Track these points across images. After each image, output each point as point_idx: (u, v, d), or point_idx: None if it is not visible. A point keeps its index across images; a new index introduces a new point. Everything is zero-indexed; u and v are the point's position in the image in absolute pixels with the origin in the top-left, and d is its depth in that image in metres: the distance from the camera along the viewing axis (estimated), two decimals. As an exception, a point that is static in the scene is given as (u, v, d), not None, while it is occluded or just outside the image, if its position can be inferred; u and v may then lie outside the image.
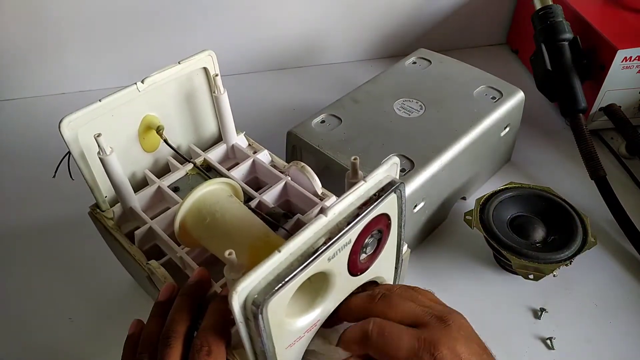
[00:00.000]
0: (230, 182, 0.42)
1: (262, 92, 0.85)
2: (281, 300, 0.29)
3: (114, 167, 0.42)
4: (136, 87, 0.43)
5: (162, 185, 0.47)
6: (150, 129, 0.48)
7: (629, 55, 0.63)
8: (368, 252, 0.35)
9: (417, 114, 0.59)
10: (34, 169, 0.70)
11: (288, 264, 0.29)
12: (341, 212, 0.31)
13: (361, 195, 0.32)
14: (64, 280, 0.57)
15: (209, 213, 0.39)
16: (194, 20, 0.81)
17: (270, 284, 0.28)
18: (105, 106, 0.42)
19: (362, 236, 0.33)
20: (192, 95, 0.50)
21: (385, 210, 0.34)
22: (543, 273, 0.50)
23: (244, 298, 0.28)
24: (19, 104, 0.84)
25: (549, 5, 0.68)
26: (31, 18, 0.76)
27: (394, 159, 0.35)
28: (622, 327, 0.51)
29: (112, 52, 0.82)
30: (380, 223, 0.34)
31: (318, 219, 0.30)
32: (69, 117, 0.40)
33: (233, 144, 0.52)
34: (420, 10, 0.87)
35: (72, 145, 0.41)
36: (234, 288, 0.27)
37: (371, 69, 0.89)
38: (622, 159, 0.68)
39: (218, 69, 0.48)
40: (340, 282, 0.34)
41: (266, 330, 0.29)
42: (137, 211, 0.45)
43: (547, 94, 0.69)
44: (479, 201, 0.56)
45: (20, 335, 0.52)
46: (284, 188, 0.47)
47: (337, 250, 0.31)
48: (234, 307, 0.27)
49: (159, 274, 0.41)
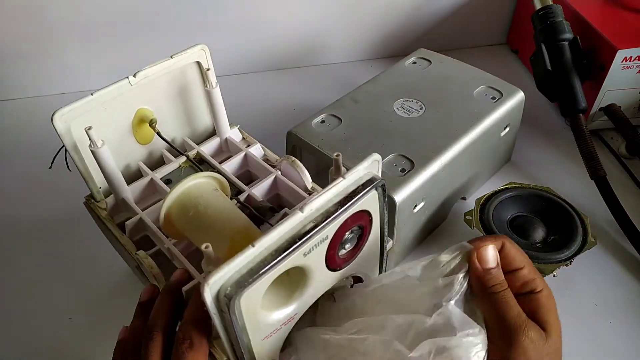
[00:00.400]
0: (216, 176, 0.42)
1: (262, 92, 0.85)
2: (254, 293, 0.29)
3: (105, 159, 0.43)
4: (128, 81, 0.44)
5: (154, 178, 0.48)
6: (143, 122, 0.48)
7: (629, 55, 0.63)
8: (348, 248, 0.35)
9: (417, 114, 0.59)
10: (34, 169, 0.70)
11: (262, 258, 0.29)
12: (318, 208, 0.31)
13: (340, 192, 0.33)
14: (64, 280, 0.57)
15: (192, 206, 0.39)
16: (194, 20, 0.81)
17: (243, 277, 0.28)
18: (97, 99, 0.42)
19: (341, 232, 0.33)
20: (186, 89, 0.50)
21: (366, 207, 0.34)
22: (543, 273, 0.50)
23: (217, 290, 0.28)
24: (19, 104, 0.84)
25: (549, 5, 0.68)
26: (31, 18, 0.76)
27: (375, 155, 0.35)
28: (622, 327, 0.51)
29: (112, 52, 0.82)
30: (360, 220, 0.34)
31: (294, 215, 0.30)
32: (61, 110, 0.41)
33: (226, 137, 0.53)
34: (420, 10, 0.87)
35: (65, 137, 0.42)
36: (205, 280, 0.27)
37: (371, 69, 0.89)
38: (622, 159, 0.68)
39: (211, 63, 0.48)
40: (318, 276, 0.34)
41: (239, 322, 0.30)
42: (129, 202, 0.46)
43: (547, 94, 0.69)
44: (479, 201, 0.56)
45: (20, 335, 0.52)
46: (273, 182, 0.48)
47: (314, 246, 0.32)
48: (206, 299, 0.28)
49: (146, 264, 0.41)
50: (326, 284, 0.36)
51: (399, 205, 0.50)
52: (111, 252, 0.52)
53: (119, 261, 0.53)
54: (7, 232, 0.63)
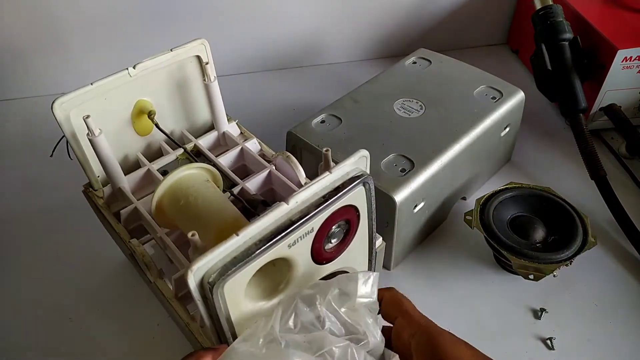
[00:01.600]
0: (208, 168, 0.43)
1: (262, 92, 0.85)
2: (238, 281, 0.30)
3: (102, 148, 0.43)
4: (127, 72, 0.45)
5: (151, 168, 0.49)
6: (143, 113, 0.49)
7: (629, 55, 0.63)
8: (334, 242, 0.36)
9: (417, 114, 0.59)
10: (34, 169, 0.70)
11: (246, 247, 0.30)
12: (304, 200, 0.32)
13: (326, 186, 0.33)
14: (64, 280, 0.57)
15: (183, 196, 0.40)
16: (194, 20, 0.81)
17: (227, 265, 0.29)
18: (96, 89, 0.43)
19: (327, 226, 0.34)
20: (185, 83, 0.51)
21: (352, 202, 0.34)
22: (543, 273, 0.50)
23: (201, 277, 0.29)
24: (18, 103, 0.84)
25: (549, 5, 0.68)
26: (31, 17, 0.76)
27: (363, 152, 0.35)
28: (622, 327, 0.51)
29: (112, 52, 0.82)
30: (346, 214, 0.35)
31: (279, 206, 0.31)
32: (61, 98, 0.41)
33: (224, 131, 0.53)
34: (420, 10, 0.87)
35: (64, 125, 0.43)
36: (189, 267, 0.28)
37: (371, 69, 0.88)
38: (622, 159, 0.68)
39: (211, 57, 0.49)
40: (304, 269, 0.34)
41: (223, 309, 0.30)
42: (125, 192, 0.47)
43: (547, 94, 0.69)
44: (479, 201, 0.56)
45: (20, 335, 0.52)
46: (267, 176, 0.48)
47: (299, 238, 0.32)
48: (189, 285, 0.29)
49: (138, 252, 0.42)
50: (310, 278, 0.36)
51: (399, 205, 0.50)
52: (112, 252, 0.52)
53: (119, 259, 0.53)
54: (8, 232, 0.63)
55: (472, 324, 0.52)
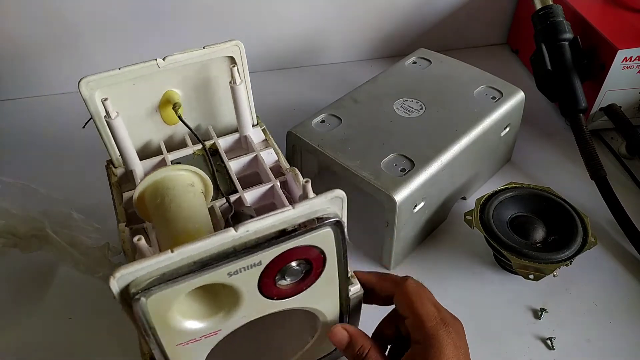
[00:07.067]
0: (197, 172, 0.42)
1: (262, 92, 0.85)
2: (165, 298, 0.29)
3: (119, 130, 0.45)
4: (156, 63, 0.46)
5: (166, 158, 0.49)
6: (170, 103, 0.50)
7: (629, 55, 0.63)
8: (289, 280, 0.34)
9: (417, 114, 0.59)
10: (34, 169, 0.70)
11: (178, 266, 0.29)
12: (256, 231, 0.30)
13: (286, 221, 0.31)
14: (64, 279, 0.57)
15: (161, 195, 0.40)
16: (194, 20, 0.81)
17: (153, 281, 0.29)
18: (122, 74, 0.45)
19: (279, 262, 0.32)
20: (216, 81, 0.51)
21: (316, 243, 0.32)
22: (543, 273, 0.50)
23: (126, 284, 0.29)
24: (18, 104, 0.84)
25: (549, 5, 0.68)
26: (34, 17, 0.76)
27: (338, 192, 0.32)
28: (622, 327, 0.51)
29: (114, 52, 0.82)
30: (306, 254, 0.33)
31: (226, 232, 0.30)
32: (87, 77, 0.44)
33: (246, 134, 0.53)
34: (420, 10, 0.87)
35: (89, 103, 0.45)
36: (113, 273, 0.28)
37: (371, 69, 0.89)
38: (622, 159, 0.68)
39: (245, 60, 0.50)
40: (250, 300, 0.33)
41: (147, 321, 0.30)
42: (135, 175, 0.48)
43: (547, 94, 0.69)
44: (479, 201, 0.56)
45: (20, 334, 0.52)
46: (269, 190, 0.47)
47: (242, 268, 0.31)
48: (112, 290, 0.29)
49: (121, 237, 0.42)
50: (260, 310, 0.35)
51: (398, 205, 0.50)
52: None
53: (121, 258, 0.53)
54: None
55: (472, 323, 0.51)
